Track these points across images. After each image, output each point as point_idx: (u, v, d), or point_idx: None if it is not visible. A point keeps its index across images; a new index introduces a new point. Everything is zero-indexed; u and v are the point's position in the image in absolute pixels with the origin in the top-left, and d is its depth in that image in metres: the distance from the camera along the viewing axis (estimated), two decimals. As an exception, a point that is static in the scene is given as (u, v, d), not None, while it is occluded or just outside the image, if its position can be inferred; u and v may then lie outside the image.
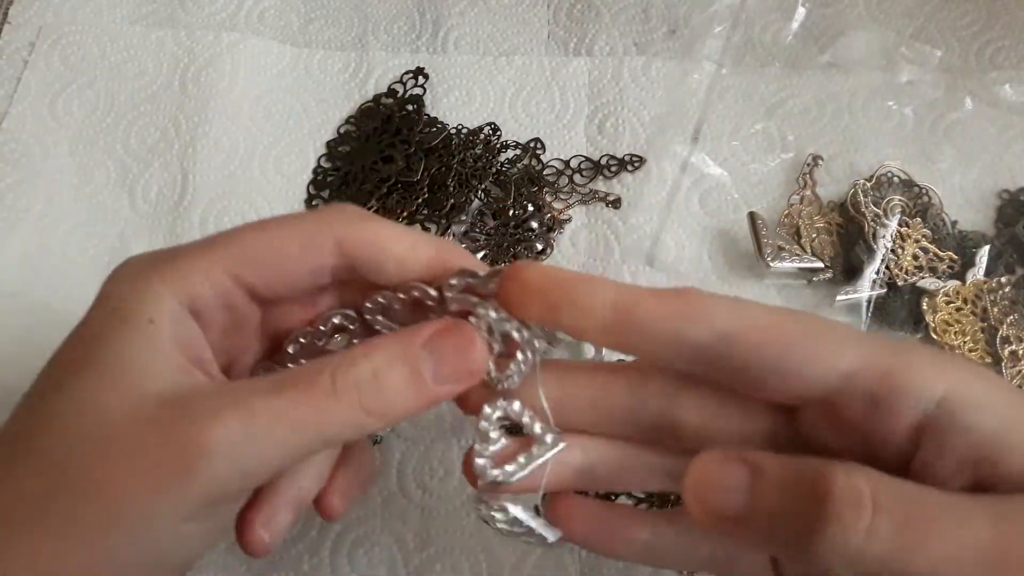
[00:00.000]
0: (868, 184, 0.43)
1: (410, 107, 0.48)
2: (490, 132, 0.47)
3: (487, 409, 0.25)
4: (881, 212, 0.42)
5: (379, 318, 0.27)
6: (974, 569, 0.19)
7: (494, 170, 0.45)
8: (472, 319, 0.24)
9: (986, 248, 0.41)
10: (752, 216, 0.42)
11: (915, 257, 0.41)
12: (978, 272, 0.41)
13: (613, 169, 0.46)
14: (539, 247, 0.43)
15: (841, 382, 0.22)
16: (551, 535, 0.26)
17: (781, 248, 0.41)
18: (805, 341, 0.22)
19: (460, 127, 0.47)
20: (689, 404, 0.24)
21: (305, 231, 0.25)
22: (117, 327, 0.23)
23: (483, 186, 0.44)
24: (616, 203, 0.45)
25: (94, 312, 0.25)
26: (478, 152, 0.46)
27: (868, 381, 0.21)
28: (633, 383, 0.25)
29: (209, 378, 0.24)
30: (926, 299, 0.40)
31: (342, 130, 0.48)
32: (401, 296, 0.26)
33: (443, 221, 0.44)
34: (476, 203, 0.44)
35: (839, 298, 0.40)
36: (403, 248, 0.25)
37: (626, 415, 0.25)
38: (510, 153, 0.46)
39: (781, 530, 0.21)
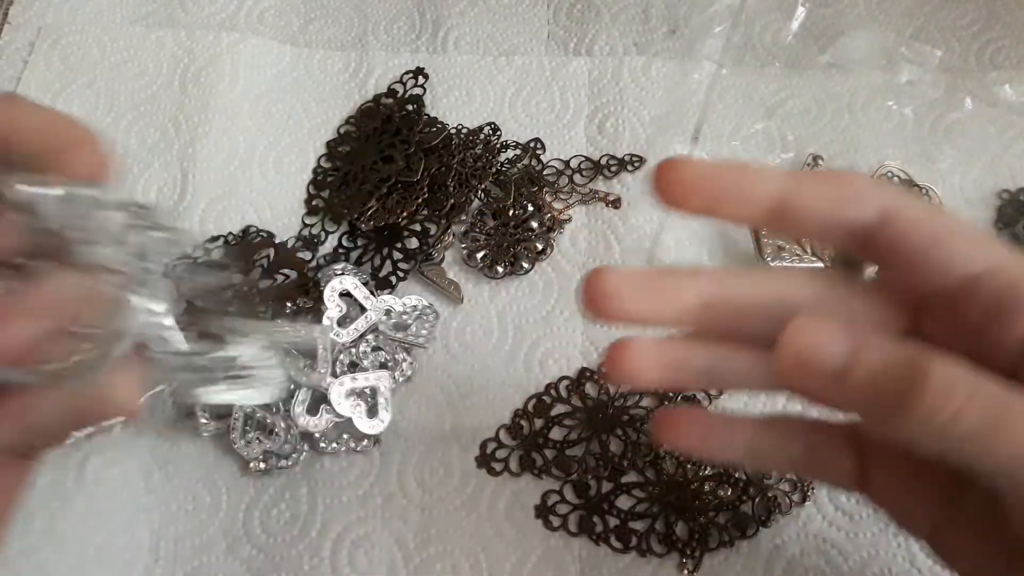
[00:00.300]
0: (868, 184, 0.43)
1: (410, 107, 0.48)
2: (490, 132, 0.47)
3: None
4: (881, 212, 0.42)
5: None
6: None
7: (494, 170, 0.45)
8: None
9: (986, 248, 0.41)
10: (752, 216, 0.42)
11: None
12: (978, 272, 0.41)
13: (613, 169, 0.46)
14: (539, 247, 0.43)
15: (973, 280, 0.23)
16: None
17: (781, 248, 0.41)
18: (951, 233, 0.23)
19: (460, 127, 0.47)
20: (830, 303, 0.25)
21: None
22: None
23: (483, 186, 0.44)
24: (616, 203, 0.45)
25: None
26: (478, 152, 0.46)
27: (997, 284, 0.22)
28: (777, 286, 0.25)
29: None
30: (926, 299, 0.40)
31: (342, 130, 0.48)
32: None
33: (443, 221, 0.44)
34: (476, 203, 0.45)
35: (839, 298, 0.40)
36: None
37: (763, 315, 0.25)
38: (510, 153, 0.46)
39: (872, 398, 0.22)
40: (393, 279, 0.42)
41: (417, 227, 0.44)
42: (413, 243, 0.43)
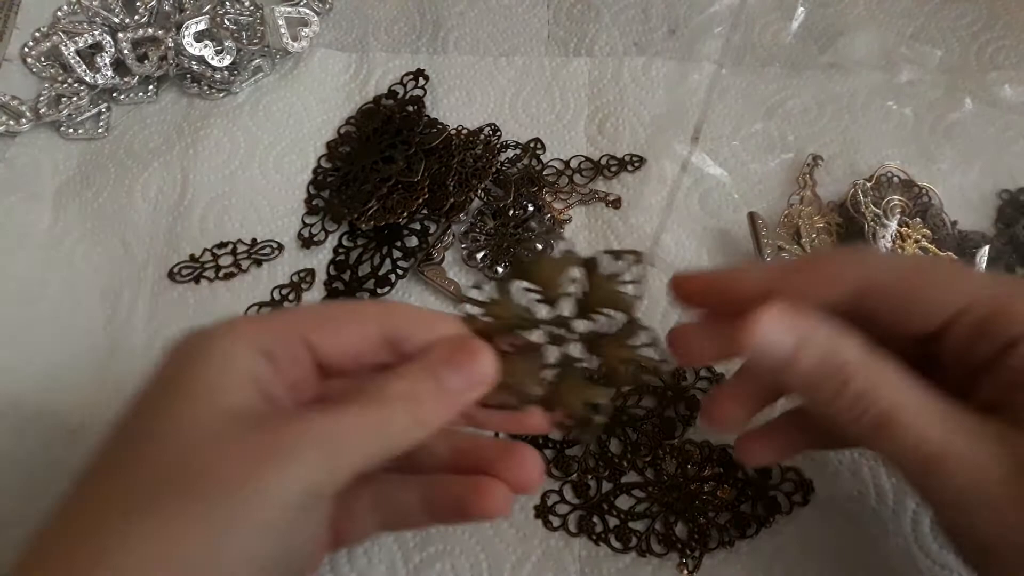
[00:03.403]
0: (868, 184, 0.43)
1: (410, 108, 0.48)
2: (490, 132, 0.47)
3: None
4: (881, 212, 0.42)
5: None
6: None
7: (494, 170, 0.45)
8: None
9: (986, 248, 0.41)
10: (752, 216, 0.42)
11: (915, 257, 0.41)
12: (978, 272, 0.41)
13: (613, 169, 0.46)
14: (539, 247, 0.43)
15: (952, 321, 0.27)
16: None
17: (781, 248, 0.41)
18: (924, 286, 0.27)
19: (460, 127, 0.47)
20: None
21: (355, 321, 0.28)
22: (196, 363, 0.26)
23: (483, 186, 0.44)
24: (616, 203, 0.45)
25: (171, 359, 0.27)
26: (478, 152, 0.46)
27: (971, 320, 0.26)
28: None
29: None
30: (926, 299, 0.40)
31: (342, 130, 0.48)
32: None
33: (443, 221, 0.44)
34: (476, 203, 0.44)
35: (839, 298, 0.40)
36: (427, 335, 0.28)
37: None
38: (510, 153, 0.46)
39: (813, 382, 0.26)
40: (393, 277, 0.42)
41: (417, 226, 0.44)
42: (413, 242, 0.43)
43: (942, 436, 0.25)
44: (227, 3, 0.50)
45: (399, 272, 0.43)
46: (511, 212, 0.44)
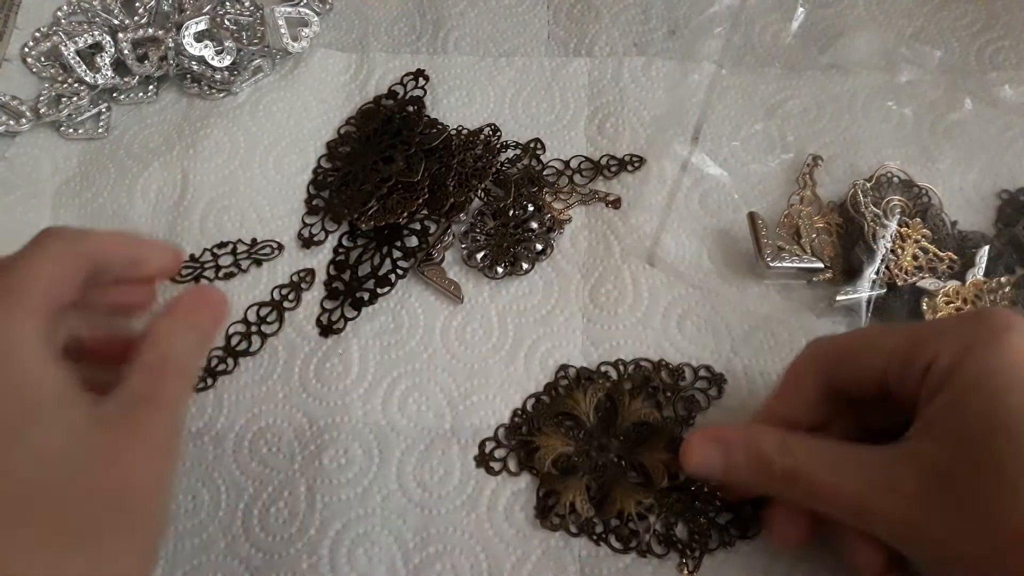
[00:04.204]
0: (868, 184, 0.43)
1: (410, 108, 0.48)
2: (490, 133, 0.47)
3: None
4: (881, 212, 0.42)
5: None
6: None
7: (494, 170, 0.45)
8: None
9: (986, 248, 0.41)
10: (752, 216, 0.42)
11: (915, 257, 0.41)
12: (978, 272, 0.41)
13: (613, 169, 0.46)
14: (539, 247, 0.43)
15: (882, 371, 0.31)
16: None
17: (781, 248, 0.41)
18: (854, 358, 0.32)
19: (460, 128, 0.47)
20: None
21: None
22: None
23: (483, 186, 0.44)
24: (616, 203, 0.45)
25: None
26: (478, 152, 0.46)
27: (896, 362, 0.31)
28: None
29: None
30: (926, 299, 0.40)
31: (342, 131, 0.48)
32: None
33: (443, 221, 0.44)
34: (476, 203, 0.44)
35: (839, 298, 0.40)
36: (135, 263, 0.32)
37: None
38: (510, 153, 0.46)
39: (751, 477, 0.32)
40: (392, 277, 0.42)
41: (417, 226, 0.44)
42: (413, 242, 0.43)
43: (862, 481, 0.29)
44: (227, 3, 0.50)
45: (399, 272, 0.43)
46: (511, 212, 0.44)
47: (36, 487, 0.25)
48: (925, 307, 0.40)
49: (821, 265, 0.41)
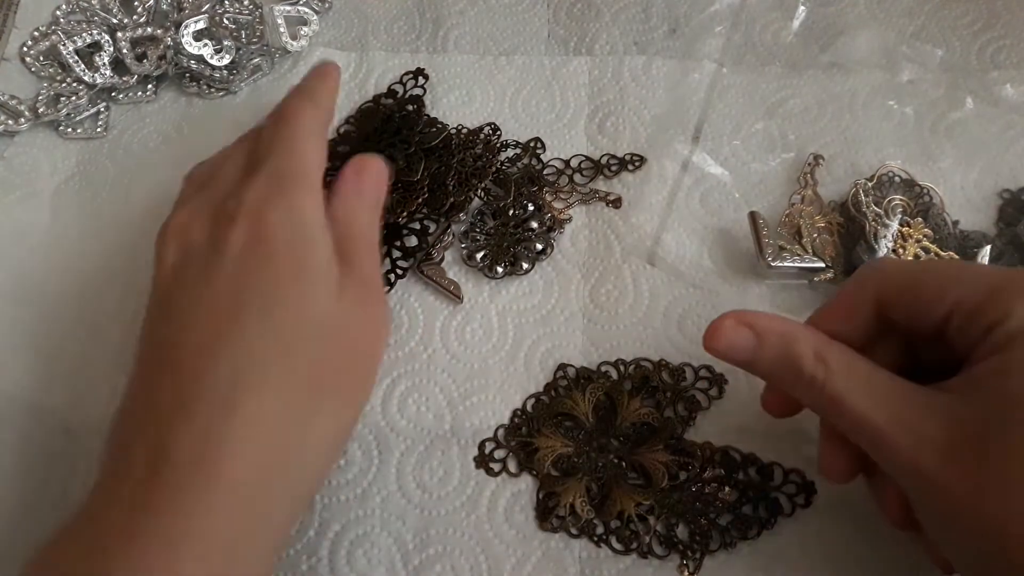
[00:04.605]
0: (869, 184, 0.43)
1: (410, 107, 0.48)
2: (490, 132, 0.47)
3: None
4: (882, 212, 0.42)
5: None
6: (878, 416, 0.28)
7: (494, 170, 0.45)
8: None
9: (987, 248, 0.41)
10: (753, 216, 0.42)
11: (916, 257, 0.41)
12: (980, 272, 0.41)
13: (613, 168, 0.46)
14: (539, 247, 0.43)
15: (949, 311, 0.29)
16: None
17: (782, 248, 0.41)
18: (924, 289, 0.30)
19: (460, 127, 0.47)
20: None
21: None
22: (300, 244, 0.32)
23: (483, 186, 0.44)
24: (616, 203, 0.44)
25: (270, 236, 0.32)
26: (478, 152, 0.45)
27: (965, 307, 0.29)
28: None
29: None
30: (927, 299, 0.40)
31: (342, 130, 0.48)
32: None
33: (443, 221, 0.44)
34: (476, 203, 0.44)
35: (840, 298, 0.40)
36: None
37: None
38: (510, 152, 0.46)
39: (777, 372, 0.32)
40: (392, 277, 0.42)
41: (417, 225, 0.43)
42: (413, 241, 0.43)
43: (887, 413, 0.28)
44: (226, 2, 0.50)
45: (399, 272, 0.42)
46: (511, 212, 0.44)
47: (302, 333, 0.30)
48: (926, 307, 0.40)
49: (822, 265, 0.41)
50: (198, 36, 0.49)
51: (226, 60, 0.49)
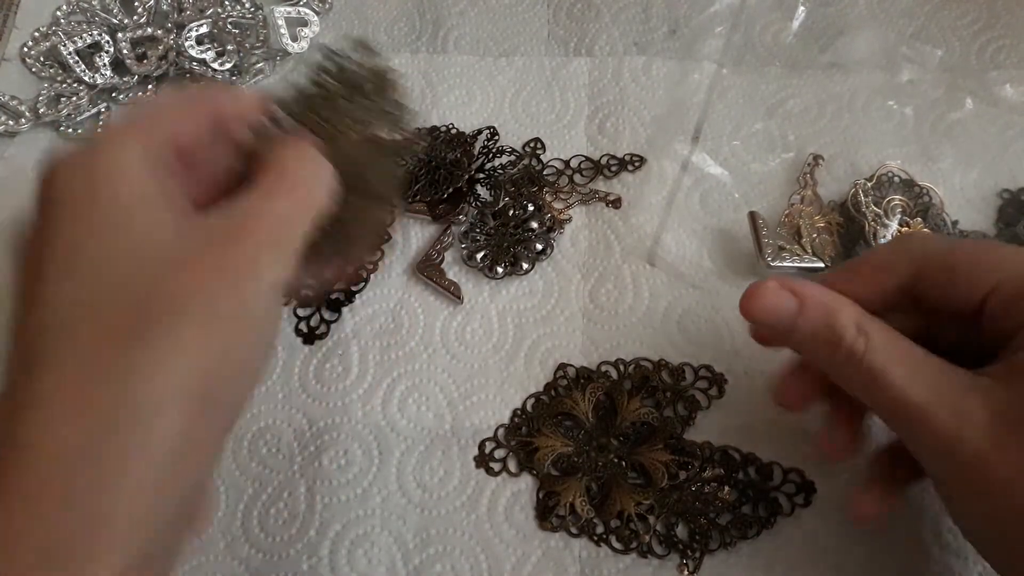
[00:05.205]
0: (869, 184, 0.43)
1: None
2: (490, 132, 0.47)
3: None
4: (882, 212, 0.42)
5: None
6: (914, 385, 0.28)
7: (493, 170, 0.45)
8: None
9: (987, 248, 0.41)
10: (752, 216, 0.42)
11: (916, 257, 0.41)
12: (979, 272, 0.41)
13: (613, 169, 0.46)
14: (539, 247, 0.43)
15: (988, 293, 0.29)
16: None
17: (782, 248, 0.41)
18: (963, 268, 0.30)
19: (451, 125, 0.47)
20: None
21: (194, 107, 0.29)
22: (103, 186, 0.26)
23: (481, 186, 0.44)
24: (616, 203, 0.45)
25: (64, 185, 0.28)
26: (478, 152, 0.46)
27: (1002, 295, 0.29)
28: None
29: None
30: (927, 299, 0.40)
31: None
32: None
33: (443, 221, 0.44)
34: (476, 203, 0.44)
35: (840, 298, 0.40)
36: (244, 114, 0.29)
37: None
38: (507, 158, 0.46)
39: (814, 342, 0.30)
40: (364, 272, 0.42)
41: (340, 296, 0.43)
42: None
43: (928, 391, 0.28)
44: (227, 4, 0.50)
45: (369, 267, 0.42)
46: (511, 212, 0.44)
47: (110, 275, 0.25)
48: (926, 307, 0.40)
49: (822, 265, 0.41)
50: (201, 40, 0.49)
51: (229, 65, 0.49)
